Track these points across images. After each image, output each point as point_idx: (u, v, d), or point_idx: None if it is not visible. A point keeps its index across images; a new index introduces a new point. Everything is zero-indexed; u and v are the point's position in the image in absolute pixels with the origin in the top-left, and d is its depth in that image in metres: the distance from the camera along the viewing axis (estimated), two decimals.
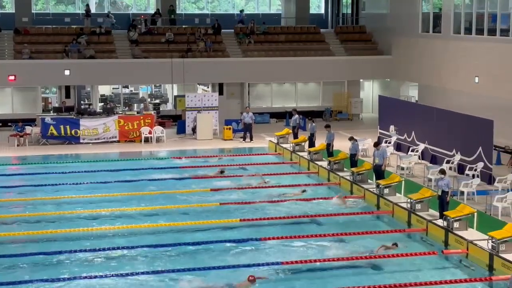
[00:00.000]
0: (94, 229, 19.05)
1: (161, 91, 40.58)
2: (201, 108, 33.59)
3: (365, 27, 42.92)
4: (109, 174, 25.26)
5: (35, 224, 19.61)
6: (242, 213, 20.60)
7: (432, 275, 15.84)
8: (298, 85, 39.93)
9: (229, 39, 40.69)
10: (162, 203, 21.61)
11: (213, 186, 23.50)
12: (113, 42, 39.15)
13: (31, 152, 30.07)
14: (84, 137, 31.77)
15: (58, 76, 36.03)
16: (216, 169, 25.91)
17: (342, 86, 40.16)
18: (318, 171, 25.98)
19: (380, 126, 31.27)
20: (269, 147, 31.08)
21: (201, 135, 32.72)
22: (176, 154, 29.53)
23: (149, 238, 18.33)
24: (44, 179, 24.84)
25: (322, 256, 16.90)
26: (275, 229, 19.12)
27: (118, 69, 36.87)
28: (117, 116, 32.55)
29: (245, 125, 32.42)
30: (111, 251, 17.22)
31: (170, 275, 15.67)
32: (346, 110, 39.47)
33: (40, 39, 38.65)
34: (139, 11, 45.26)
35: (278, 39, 41.27)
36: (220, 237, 18.20)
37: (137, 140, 32.20)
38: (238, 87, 38.89)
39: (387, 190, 21.49)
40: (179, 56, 37.39)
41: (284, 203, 21.61)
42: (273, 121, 38.19)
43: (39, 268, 16.21)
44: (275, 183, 24.04)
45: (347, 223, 19.65)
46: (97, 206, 21.22)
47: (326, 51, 40.45)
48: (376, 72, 39.78)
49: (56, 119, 31.72)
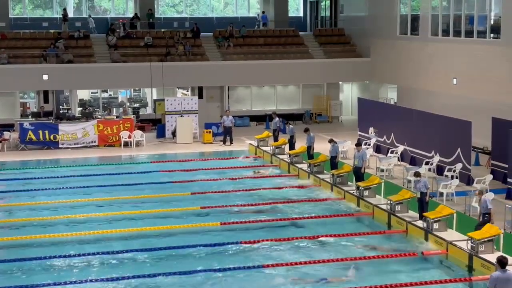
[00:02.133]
0: (74, 234, 18.90)
1: (140, 95, 40.44)
2: (181, 111, 33.51)
3: (344, 29, 43.08)
4: (89, 179, 25.19)
5: (13, 230, 19.44)
6: (221, 217, 20.56)
7: (412, 276, 15.89)
8: (278, 88, 39.99)
9: (208, 43, 40.67)
10: (147, 207, 21.56)
11: (193, 190, 23.48)
12: (91, 46, 38.98)
13: (10, 157, 29.84)
14: (63, 142, 31.58)
15: (36, 81, 35.79)
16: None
17: (321, 89, 40.26)
18: (298, 174, 26.02)
19: (359, 128, 31.39)
20: (249, 150, 31.08)
21: (181, 139, 32.66)
22: (156, 158, 29.43)
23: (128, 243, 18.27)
24: (22, 184, 24.65)
25: (303, 258, 16.91)
26: (255, 233, 19.09)
27: (96, 73, 36.70)
28: (96, 120, 32.40)
29: (225, 128, 32.40)
30: (93, 256, 17.10)
31: (156, 279, 15.61)
32: (326, 113, 39.56)
33: (18, 44, 38.40)
34: (117, 15, 45.08)
35: (257, 42, 41.31)
36: (201, 241, 18.17)
37: (117, 144, 32.06)
38: (217, 90, 38.87)
39: (367, 192, 21.57)
40: (158, 60, 37.30)
41: (265, 206, 21.61)
42: (253, 124, 38.21)
43: (14, 274, 16.04)
44: (253, 187, 24.05)
45: (327, 225, 19.68)
46: (77, 211, 21.10)
47: (305, 54, 40.55)
48: (355, 74, 39.92)
49: (34, 124, 31.51)
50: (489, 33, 30.42)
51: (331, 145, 24.96)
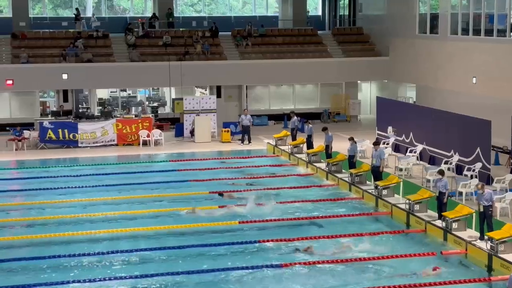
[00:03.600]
0: (93, 232, 18.99)
1: (159, 94, 40.58)
2: (199, 111, 33.59)
3: (363, 28, 42.94)
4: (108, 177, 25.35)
5: (33, 228, 19.58)
6: (239, 215, 20.57)
7: (431, 276, 15.81)
8: (296, 87, 39.94)
9: (227, 42, 40.69)
10: (165, 205, 21.61)
11: (211, 189, 23.51)
12: (110, 45, 39.15)
13: (29, 156, 30.05)
14: (82, 141, 31.75)
15: (56, 80, 36.01)
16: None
17: (340, 88, 40.17)
18: (316, 173, 25.97)
19: (378, 128, 31.28)
20: (267, 149, 31.07)
21: (199, 138, 32.73)
22: (174, 157, 29.52)
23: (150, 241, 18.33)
24: (42, 183, 24.81)
25: (321, 257, 16.89)
26: (274, 232, 19.09)
27: (115, 72, 36.86)
28: (115, 119, 32.55)
29: (243, 127, 32.42)
30: (112, 254, 17.18)
31: (174, 278, 15.65)
32: (344, 112, 39.46)
33: (38, 43, 38.66)
34: (136, 14, 45.24)
35: (276, 42, 41.28)
36: (219, 240, 18.18)
37: (135, 143, 32.19)
38: (236, 89, 38.89)
39: (386, 191, 21.49)
40: (176, 59, 37.39)
41: (285, 205, 21.61)
42: (271, 123, 38.20)
43: (33, 272, 16.15)
44: (271, 185, 24.05)
45: (346, 225, 19.64)
46: (96, 210, 21.19)
47: (324, 53, 40.47)
48: (373, 73, 39.78)
49: (54, 123, 31.70)
50: (509, 32, 30.17)
51: (350, 144, 24.89)
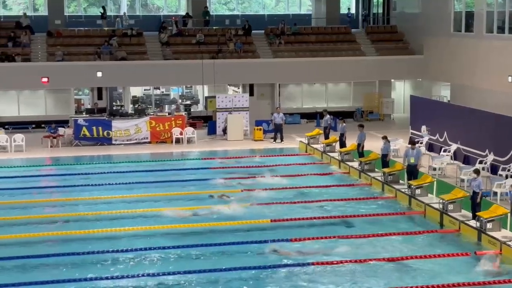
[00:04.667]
0: (126, 229, 19.13)
1: (192, 92, 40.75)
2: (231, 109, 33.67)
3: (397, 26, 42.65)
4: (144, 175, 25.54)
5: (68, 225, 19.78)
6: (272, 213, 20.58)
7: (465, 276, 15.67)
8: (329, 85, 39.83)
9: (260, 40, 40.71)
10: (197, 203, 21.68)
11: (243, 187, 23.55)
12: (144, 43, 39.41)
13: (64, 153, 30.39)
14: (116, 138, 32.02)
15: (90, 78, 36.36)
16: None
17: (373, 86, 39.97)
18: (349, 172, 25.89)
19: (411, 127, 31.06)
20: (300, 148, 31.04)
21: (232, 136, 32.80)
22: (206, 155, 29.63)
23: (183, 238, 18.41)
24: (76, 180, 25.07)
25: (353, 257, 16.83)
26: (306, 230, 19.08)
27: (149, 70, 37.10)
28: (148, 117, 32.77)
29: (275, 125, 32.42)
30: (145, 251, 17.28)
31: (206, 275, 15.70)
32: (377, 111, 39.26)
33: (73, 41, 39.06)
34: (170, 12, 45.49)
35: (309, 40, 41.19)
36: (251, 238, 18.20)
37: (168, 141, 32.37)
38: (268, 88, 38.91)
39: (419, 191, 21.34)
40: (209, 57, 37.52)
41: (316, 203, 21.58)
42: (304, 122, 38.15)
43: (72, 268, 16.32)
44: (304, 184, 24.03)
45: (378, 224, 19.55)
46: (129, 207, 21.35)
47: (357, 51, 40.29)
48: (407, 72, 39.49)
49: (88, 121, 32.02)
50: None
51: (383, 143, 24.75)
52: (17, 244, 17.99)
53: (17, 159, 29.21)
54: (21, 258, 16.67)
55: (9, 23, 39.87)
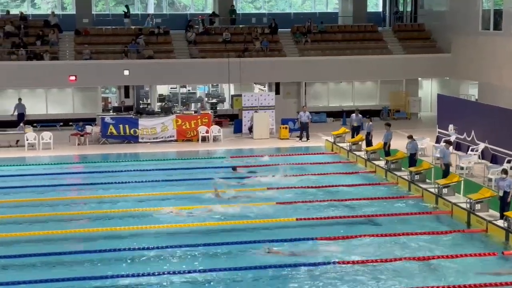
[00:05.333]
0: (152, 227, 19.22)
1: (218, 90, 40.82)
2: (257, 107, 33.68)
3: (424, 25, 42.36)
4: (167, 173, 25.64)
5: (95, 222, 19.91)
6: (297, 212, 20.56)
7: (492, 276, 15.52)
8: (355, 84, 39.68)
9: (286, 39, 40.67)
10: (223, 201, 21.71)
11: (269, 186, 23.53)
12: (171, 42, 39.56)
13: (91, 151, 30.63)
14: (142, 136, 32.19)
15: (117, 76, 36.59)
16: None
17: (400, 85, 39.74)
18: (375, 171, 25.77)
19: (439, 125, 30.82)
20: (326, 147, 30.96)
21: (258, 135, 32.81)
22: (233, 153, 29.67)
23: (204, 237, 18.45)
24: (103, 177, 25.24)
25: (379, 256, 16.75)
26: (332, 229, 19.02)
27: (176, 69, 37.24)
28: (175, 115, 32.90)
29: (301, 124, 32.37)
30: (170, 249, 17.35)
31: (231, 274, 15.72)
32: (404, 109, 39.03)
33: (100, 40, 39.31)
34: (196, 11, 45.63)
35: (335, 38, 41.07)
36: (276, 236, 18.18)
37: (194, 139, 32.47)
38: (294, 86, 38.86)
39: (446, 190, 21.18)
40: (236, 56, 37.55)
41: (341, 202, 21.53)
42: (330, 120, 38.03)
43: (99, 265, 16.43)
44: (330, 183, 23.96)
45: (405, 223, 19.43)
46: (155, 204, 21.43)
47: (384, 50, 40.08)
48: (435, 70, 39.19)
49: (115, 119, 32.22)
50: None
51: (409, 142, 24.59)
52: (44, 241, 18.14)
53: (45, 157, 29.51)
54: (47, 255, 16.81)
55: (38, 22, 40.26)
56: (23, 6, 43.91)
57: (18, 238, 18.28)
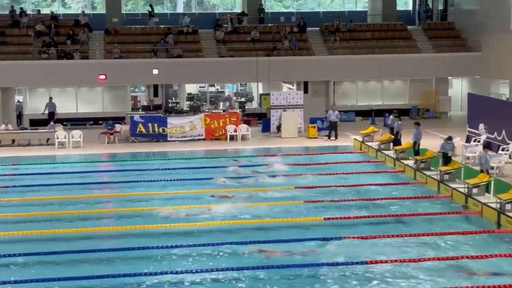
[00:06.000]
0: (180, 225, 19.28)
1: (247, 89, 40.88)
2: (286, 106, 33.65)
3: (454, 23, 42.00)
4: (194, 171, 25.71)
5: (123, 220, 20.02)
6: (325, 211, 20.50)
7: None
8: (384, 82, 39.49)
9: (315, 37, 40.60)
10: (251, 200, 21.71)
11: (297, 184, 23.50)
12: (199, 41, 39.71)
13: (120, 149, 30.86)
14: (171, 135, 32.35)
15: (146, 75, 36.82)
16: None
17: (429, 84, 39.47)
18: (404, 170, 25.61)
19: (469, 125, 30.55)
20: (354, 146, 30.85)
21: (286, 133, 32.78)
22: (261, 152, 29.67)
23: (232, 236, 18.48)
24: (132, 176, 25.39)
25: (407, 256, 16.65)
26: (360, 229, 18.95)
27: (204, 68, 37.37)
28: (203, 114, 33.02)
29: (330, 123, 32.28)
30: (198, 247, 17.38)
31: (257, 272, 15.71)
32: (434, 108, 38.75)
33: (130, 39, 39.58)
34: (225, 10, 45.71)
35: (364, 37, 40.91)
36: (304, 235, 18.15)
37: (223, 138, 32.55)
38: (323, 85, 38.78)
39: (476, 190, 20.97)
40: (264, 55, 37.57)
41: (369, 202, 21.43)
42: (359, 119, 37.89)
43: (127, 263, 16.52)
44: (358, 182, 23.86)
45: (434, 223, 19.29)
46: (182, 203, 21.50)
47: (414, 48, 39.84)
48: (465, 69, 38.87)
49: (144, 117, 32.41)
50: None
51: (446, 142, 24.33)
52: (75, 238, 18.30)
53: (75, 155, 29.79)
54: (78, 252, 16.95)
55: (68, 21, 40.67)
56: (54, 5, 44.35)
57: (51, 236, 18.44)
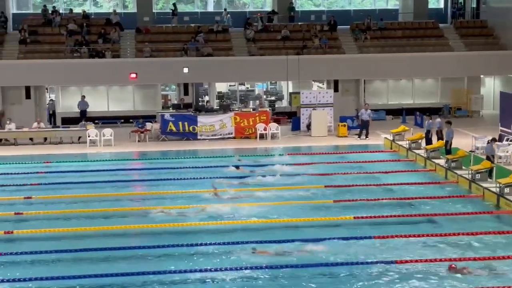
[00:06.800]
0: (210, 223, 19.33)
1: (277, 88, 40.86)
2: (316, 104, 33.58)
3: (487, 21, 41.55)
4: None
5: (152, 217, 20.11)
6: (355, 210, 20.43)
7: None
8: (415, 81, 39.22)
9: (345, 36, 40.45)
10: (281, 199, 21.68)
11: (327, 183, 23.44)
12: (230, 40, 39.78)
13: (151, 147, 31.04)
14: (201, 133, 32.46)
15: (177, 74, 36.99)
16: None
17: (461, 82, 39.11)
18: (435, 169, 25.41)
19: (501, 124, 30.20)
20: (385, 144, 30.69)
21: (316, 132, 32.72)
22: (290, 151, 29.64)
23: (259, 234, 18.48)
24: (162, 174, 25.51)
25: (439, 256, 16.52)
26: (390, 228, 18.85)
27: (234, 66, 37.43)
28: (233, 113, 33.08)
29: (362, 122, 32.14)
30: (227, 245, 17.41)
31: (287, 271, 15.72)
32: (466, 107, 38.38)
33: (160, 38, 39.80)
34: (255, 9, 45.73)
35: (395, 35, 40.66)
36: (333, 234, 18.09)
37: (252, 136, 32.58)
38: (353, 83, 38.62)
39: (508, 190, 20.73)
40: (294, 53, 37.53)
41: (400, 201, 21.31)
42: (389, 118, 37.67)
43: (158, 260, 16.61)
44: (388, 181, 23.74)
45: (463, 223, 19.11)
46: (211, 201, 21.54)
47: (445, 47, 39.50)
48: (497, 67, 38.44)
49: (175, 116, 32.57)
50: None
51: (491, 144, 24.14)
52: (105, 236, 18.43)
53: (106, 153, 30.04)
54: (109, 249, 17.07)
55: (100, 20, 41.02)
56: (86, 4, 44.75)
57: (81, 233, 18.60)
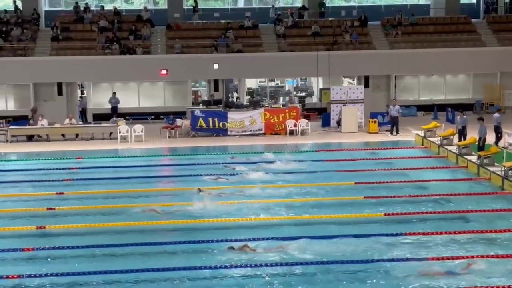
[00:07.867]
0: (237, 219, 19.35)
1: (307, 84, 40.76)
2: (346, 100, 33.43)
3: None
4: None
5: (182, 213, 20.16)
6: (386, 207, 20.31)
7: None
8: (447, 77, 38.85)
9: (376, 31, 40.20)
10: (310, 195, 21.64)
11: (357, 180, 23.33)
12: (260, 36, 39.76)
13: (181, 143, 31.15)
14: (231, 129, 32.50)
15: (207, 70, 37.08)
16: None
17: (494, 78, 38.67)
18: (467, 166, 25.16)
19: None
20: (416, 141, 30.45)
21: (346, 128, 32.57)
22: (320, 147, 29.56)
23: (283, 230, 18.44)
24: (192, 170, 25.57)
25: (471, 252, 16.36)
26: (422, 224, 18.71)
27: (264, 62, 37.41)
28: (263, 109, 33.07)
29: (392, 118, 31.94)
30: (258, 241, 17.39)
31: (316, 267, 15.68)
32: (499, 103, 37.93)
33: (191, 34, 39.92)
34: (286, 5, 45.66)
35: (427, 30, 40.33)
36: (364, 231, 18.01)
37: (282, 132, 32.54)
38: (384, 79, 38.38)
39: None
40: (325, 49, 37.40)
41: (431, 198, 21.14)
42: (420, 114, 37.38)
43: (184, 256, 16.64)
44: (419, 178, 23.56)
45: (496, 220, 18.91)
46: (238, 198, 21.51)
47: (477, 42, 39.07)
48: None
49: (205, 112, 32.66)
50: None
51: None
52: (136, 231, 18.54)
53: (137, 149, 30.22)
54: (139, 245, 17.13)
55: (131, 17, 41.27)
56: (117, 1, 45.07)
57: (112, 228, 18.72)
